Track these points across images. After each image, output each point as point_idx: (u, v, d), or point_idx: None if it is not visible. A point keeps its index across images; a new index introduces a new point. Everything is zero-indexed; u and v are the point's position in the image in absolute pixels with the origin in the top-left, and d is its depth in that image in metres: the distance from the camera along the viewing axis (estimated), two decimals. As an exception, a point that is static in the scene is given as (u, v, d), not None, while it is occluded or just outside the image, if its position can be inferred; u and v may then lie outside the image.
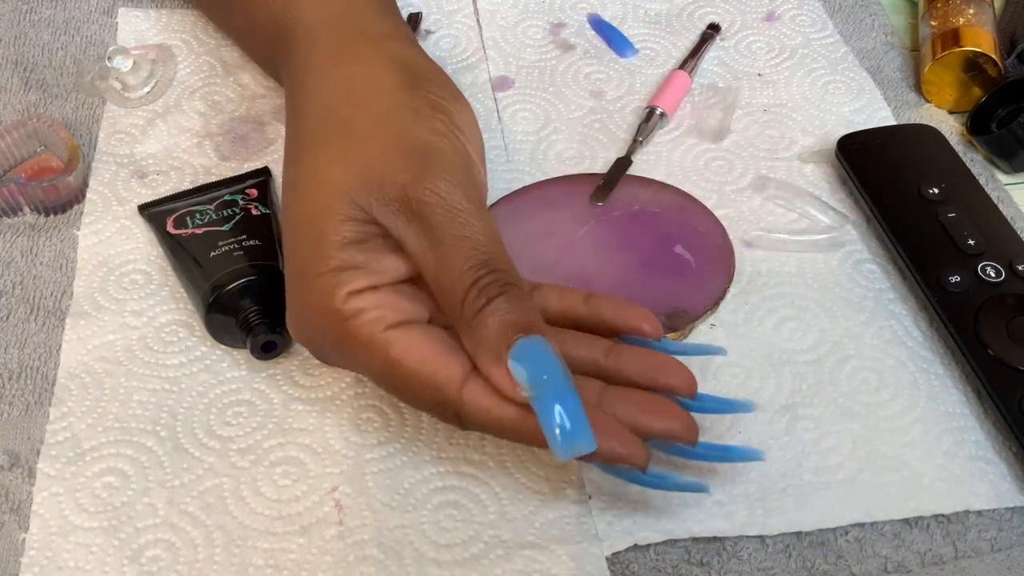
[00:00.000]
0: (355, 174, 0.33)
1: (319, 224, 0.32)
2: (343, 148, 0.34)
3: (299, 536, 0.34)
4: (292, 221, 0.34)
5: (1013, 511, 0.36)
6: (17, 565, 0.33)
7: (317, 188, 0.33)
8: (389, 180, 0.32)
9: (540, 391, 0.28)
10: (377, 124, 0.34)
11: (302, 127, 0.36)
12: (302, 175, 0.34)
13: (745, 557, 0.34)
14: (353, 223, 0.32)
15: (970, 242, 0.42)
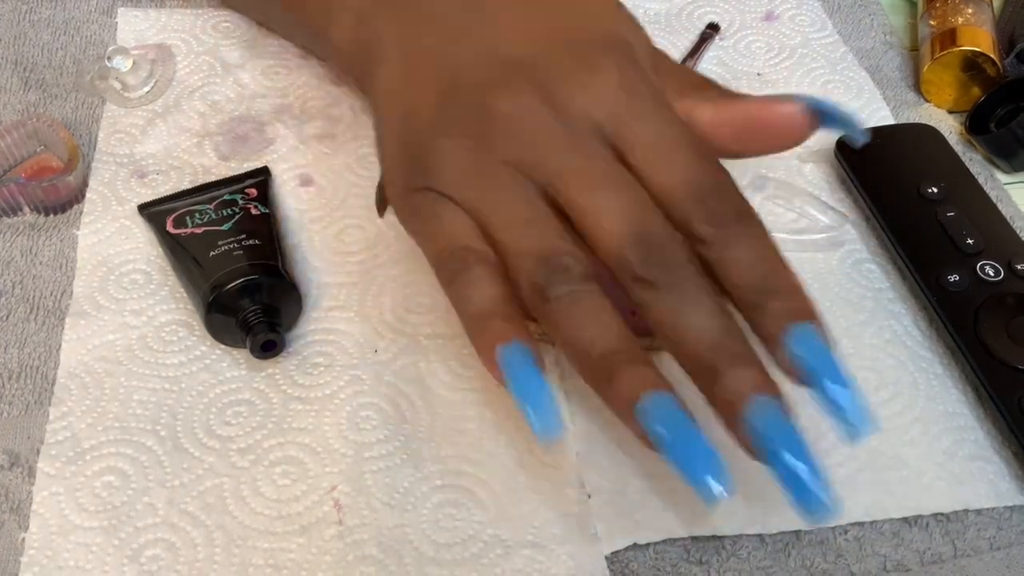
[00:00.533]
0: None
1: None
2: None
3: (299, 536, 0.34)
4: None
5: (1012, 510, 0.36)
6: (17, 564, 0.33)
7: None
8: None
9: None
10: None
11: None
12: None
13: (744, 556, 0.34)
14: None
15: (969, 241, 0.42)
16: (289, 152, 0.47)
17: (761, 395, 0.28)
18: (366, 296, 0.42)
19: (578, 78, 0.32)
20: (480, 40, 0.34)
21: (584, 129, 0.31)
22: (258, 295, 0.38)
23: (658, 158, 0.31)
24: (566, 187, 0.31)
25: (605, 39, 0.34)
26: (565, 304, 0.30)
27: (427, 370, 0.39)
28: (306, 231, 0.44)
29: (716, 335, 0.29)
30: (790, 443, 0.28)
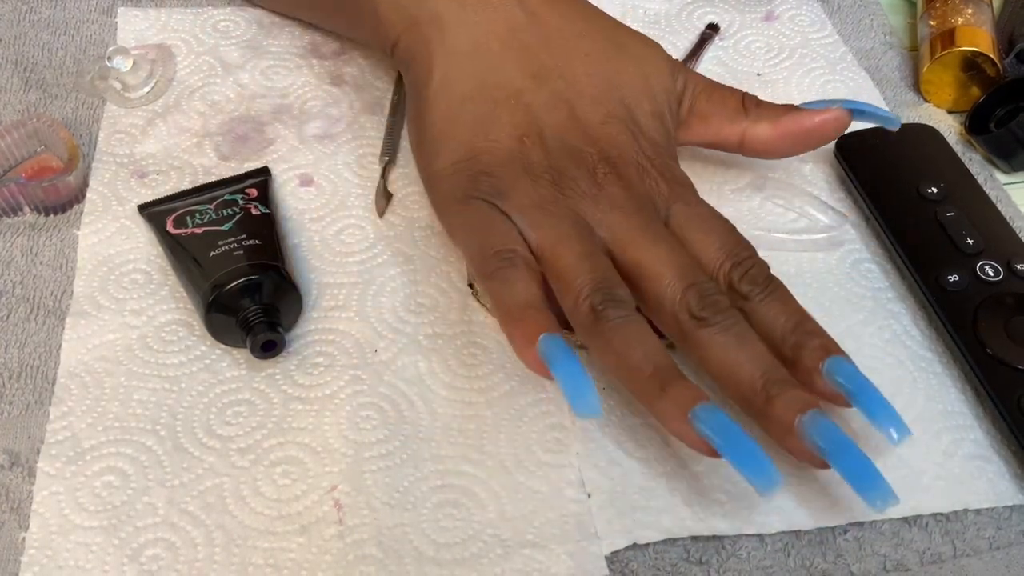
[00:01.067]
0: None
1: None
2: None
3: (299, 535, 0.34)
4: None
5: (1012, 509, 0.36)
6: (17, 564, 0.33)
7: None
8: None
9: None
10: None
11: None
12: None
13: (744, 556, 0.34)
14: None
15: (969, 241, 0.42)
16: (289, 152, 0.47)
17: (814, 410, 0.33)
18: (366, 296, 0.42)
19: (648, 163, 0.39)
20: (556, 87, 0.40)
21: (646, 202, 0.38)
22: (258, 295, 0.38)
23: (703, 233, 0.37)
24: (631, 244, 0.37)
25: (664, 115, 0.41)
26: (618, 326, 0.34)
27: (427, 370, 0.39)
28: (306, 231, 0.44)
29: (765, 366, 0.34)
30: (847, 445, 0.33)
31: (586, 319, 0.35)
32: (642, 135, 0.40)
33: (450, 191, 0.39)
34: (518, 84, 0.40)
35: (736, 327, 0.35)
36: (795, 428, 0.33)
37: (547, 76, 0.40)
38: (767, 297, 0.36)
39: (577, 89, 0.40)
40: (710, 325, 0.35)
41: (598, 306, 0.35)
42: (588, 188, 0.38)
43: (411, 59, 0.43)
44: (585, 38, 0.41)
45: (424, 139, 0.41)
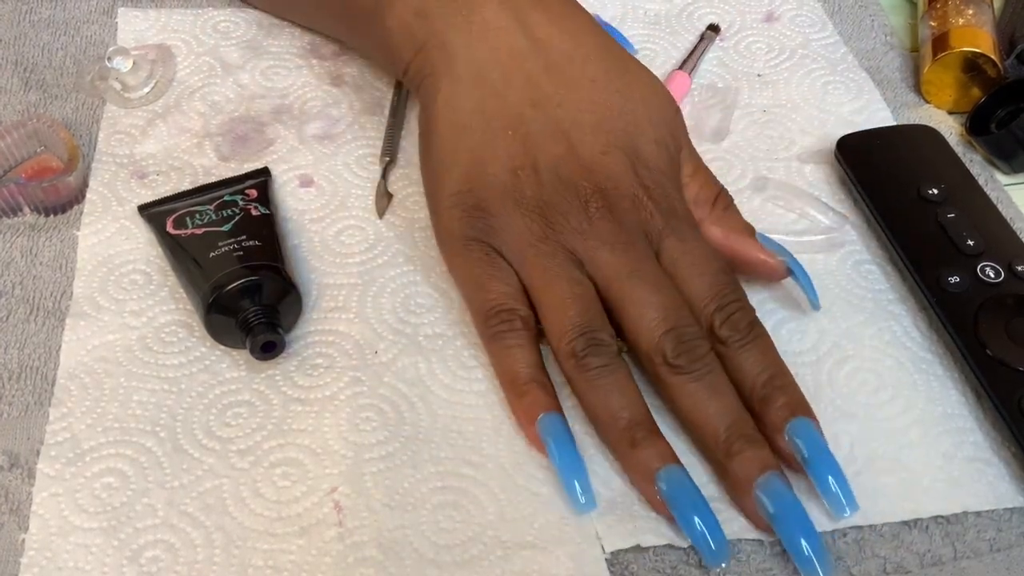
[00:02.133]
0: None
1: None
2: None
3: (298, 537, 0.34)
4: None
5: (1012, 511, 0.36)
6: (16, 565, 0.33)
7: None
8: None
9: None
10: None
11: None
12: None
13: (744, 558, 0.34)
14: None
15: (969, 243, 0.42)
16: (289, 153, 0.47)
17: (771, 473, 0.34)
18: (366, 297, 0.42)
19: (644, 195, 0.39)
20: (556, 116, 0.40)
21: (637, 236, 0.38)
22: (258, 296, 0.38)
23: (692, 272, 0.38)
24: (616, 282, 0.37)
25: (668, 149, 0.41)
26: (599, 374, 0.36)
27: (427, 371, 0.39)
28: (306, 232, 0.44)
29: (732, 418, 0.35)
30: (796, 515, 0.33)
31: (567, 362, 0.36)
32: (642, 164, 0.39)
33: (449, 227, 0.40)
34: (517, 112, 0.40)
35: (709, 376, 0.35)
36: (750, 488, 0.34)
37: (547, 104, 0.40)
38: (746, 345, 0.36)
39: (577, 118, 0.40)
40: (683, 372, 0.35)
41: (580, 352, 0.36)
42: (578, 223, 0.38)
43: (420, 83, 0.43)
44: (591, 63, 0.41)
45: (428, 166, 0.42)
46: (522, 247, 0.38)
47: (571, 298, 0.37)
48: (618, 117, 0.40)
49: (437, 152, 0.41)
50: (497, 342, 0.38)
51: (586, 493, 0.35)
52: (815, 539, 0.33)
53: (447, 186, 0.40)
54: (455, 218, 0.39)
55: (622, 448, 0.35)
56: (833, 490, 0.34)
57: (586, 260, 0.38)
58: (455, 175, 0.40)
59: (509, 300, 0.38)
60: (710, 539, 0.33)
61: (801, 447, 0.35)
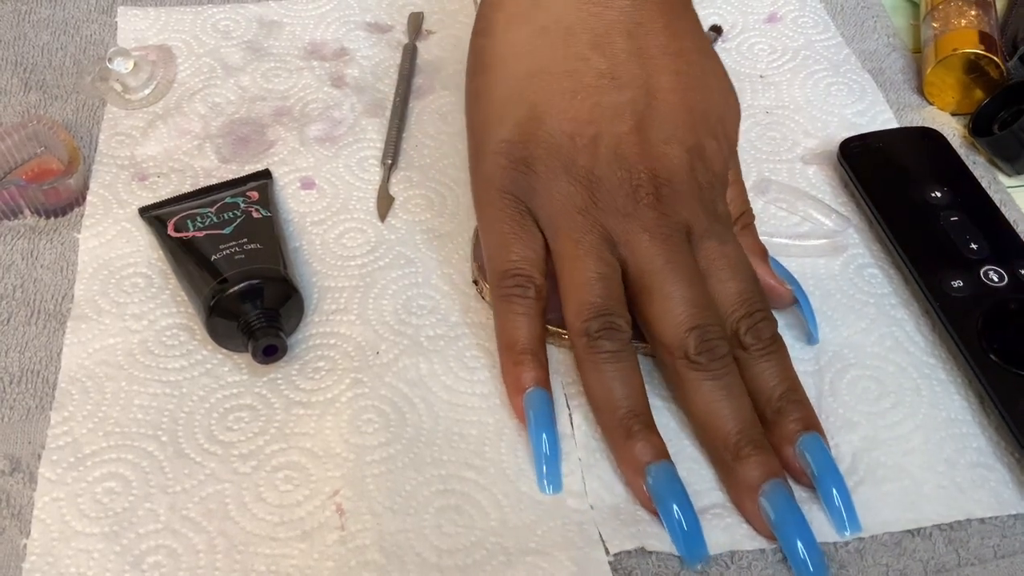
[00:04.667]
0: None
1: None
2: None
3: (300, 541, 0.34)
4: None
5: (1016, 518, 0.35)
6: (18, 571, 0.33)
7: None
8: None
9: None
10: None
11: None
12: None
13: (745, 565, 0.34)
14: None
15: (973, 246, 0.42)
16: (290, 155, 0.47)
17: (776, 480, 0.34)
18: (367, 299, 0.42)
19: (693, 193, 0.38)
20: (633, 97, 0.38)
21: (679, 230, 0.37)
22: (260, 299, 0.38)
23: (726, 275, 0.37)
24: (649, 271, 0.37)
25: (726, 154, 0.40)
26: (608, 359, 0.36)
27: (428, 372, 0.39)
28: (307, 234, 0.44)
29: (744, 423, 0.35)
30: (797, 524, 0.33)
31: (579, 340, 0.36)
32: (700, 163, 0.39)
33: (490, 174, 0.39)
34: (594, 79, 0.38)
35: (727, 377, 0.36)
36: (755, 493, 0.34)
37: (628, 83, 0.38)
38: (766, 355, 0.37)
39: (653, 104, 0.38)
40: (702, 370, 0.35)
41: (594, 333, 0.36)
42: (624, 205, 0.37)
43: (499, 8, 0.41)
44: (682, 58, 0.40)
45: (480, 105, 0.40)
46: (559, 214, 0.37)
47: (597, 277, 0.36)
48: (691, 113, 0.39)
49: (496, 93, 0.39)
50: (505, 304, 0.38)
51: (552, 477, 0.35)
52: (814, 548, 0.33)
53: (498, 132, 0.39)
54: (499, 166, 0.38)
55: (616, 437, 0.36)
56: (838, 507, 0.34)
57: (622, 243, 0.37)
58: (510, 123, 0.38)
59: (528, 267, 0.38)
60: (689, 536, 0.33)
61: (811, 462, 0.35)
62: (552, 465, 0.36)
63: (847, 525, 0.34)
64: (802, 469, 0.35)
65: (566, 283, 0.37)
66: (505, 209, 0.38)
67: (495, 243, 0.39)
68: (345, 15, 0.55)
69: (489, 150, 0.39)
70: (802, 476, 0.36)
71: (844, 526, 0.34)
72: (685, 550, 0.34)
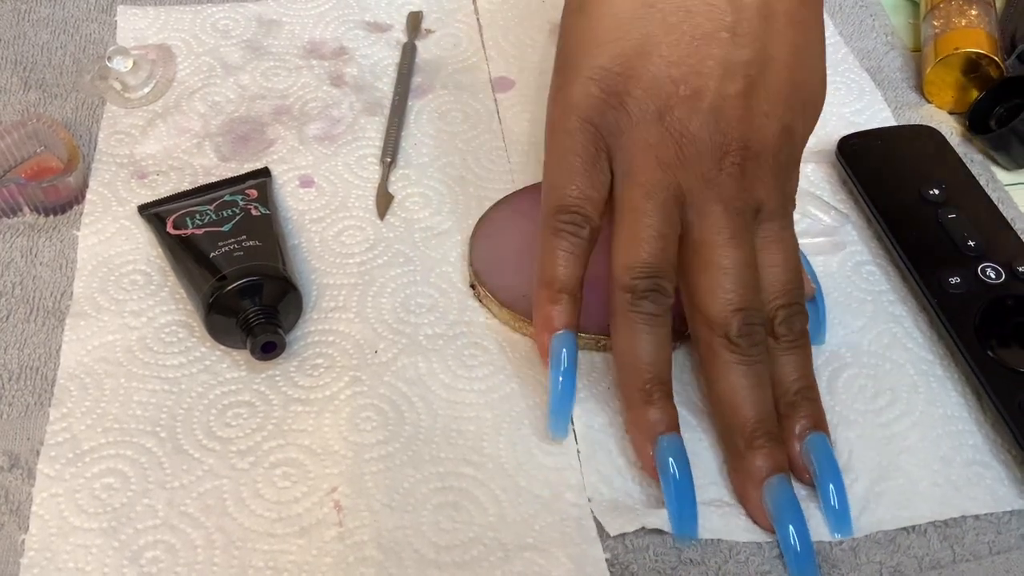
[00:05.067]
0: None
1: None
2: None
3: (298, 537, 0.34)
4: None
5: (1012, 514, 0.36)
6: (17, 566, 0.33)
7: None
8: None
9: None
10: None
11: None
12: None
13: (743, 559, 0.34)
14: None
15: (970, 243, 0.42)
16: (289, 153, 0.47)
17: (782, 475, 0.35)
18: (365, 297, 0.42)
19: (775, 172, 0.37)
20: (748, 59, 0.36)
21: (751, 206, 0.36)
22: (259, 296, 0.38)
23: (777, 259, 0.37)
24: (711, 243, 0.36)
25: (807, 139, 0.39)
26: (646, 320, 0.35)
27: (427, 370, 0.39)
28: (306, 232, 0.44)
29: (764, 413, 0.35)
30: (796, 521, 0.34)
31: (622, 295, 0.36)
32: (788, 144, 0.38)
33: (577, 99, 0.37)
34: (715, 31, 0.36)
35: (758, 365, 0.36)
36: (760, 483, 0.34)
37: (749, 43, 0.36)
38: (793, 349, 0.37)
39: (766, 72, 0.36)
40: (738, 353, 0.35)
41: (640, 291, 0.35)
42: (708, 169, 0.36)
43: None
44: (804, 31, 0.38)
45: (580, 27, 0.37)
46: (640, 161, 0.36)
47: (658, 235, 0.35)
48: (796, 90, 0.37)
49: (606, 15, 0.37)
50: (555, 238, 0.36)
51: (560, 420, 0.36)
52: (808, 545, 0.34)
53: (598, 57, 0.36)
54: (589, 93, 0.36)
55: (635, 400, 0.35)
56: (833, 507, 0.35)
57: (693, 206, 0.36)
58: (614, 50, 0.36)
59: (590, 207, 0.36)
60: (682, 508, 0.34)
61: (814, 461, 0.35)
62: (565, 404, 0.36)
63: (840, 528, 0.35)
64: (805, 466, 0.36)
65: (624, 234, 0.36)
66: (581, 140, 0.36)
67: (561, 173, 0.37)
68: (344, 14, 0.55)
69: (582, 74, 0.36)
70: (804, 473, 0.36)
71: (837, 528, 0.35)
72: (676, 521, 0.34)
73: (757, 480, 0.35)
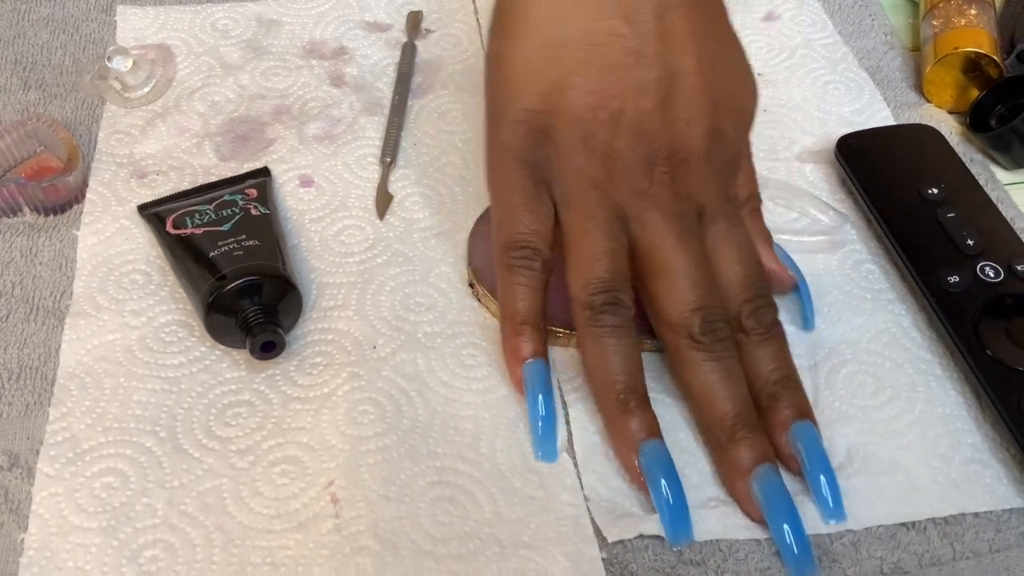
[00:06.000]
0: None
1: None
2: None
3: (296, 532, 0.34)
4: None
5: (1011, 512, 0.36)
6: (16, 565, 0.33)
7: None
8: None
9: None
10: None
11: None
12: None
13: (742, 557, 0.34)
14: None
15: (969, 242, 0.42)
16: (289, 153, 0.47)
17: (768, 465, 0.35)
18: (365, 295, 0.42)
19: (709, 174, 0.38)
20: (658, 75, 0.37)
21: (691, 210, 0.38)
22: (258, 296, 0.38)
23: (733, 258, 0.38)
24: (659, 249, 0.37)
25: (742, 139, 0.41)
26: (610, 333, 0.36)
27: (425, 367, 0.39)
28: (306, 232, 0.44)
29: (741, 406, 0.36)
30: (787, 509, 0.34)
31: (582, 313, 0.37)
32: (719, 146, 0.38)
33: (508, 141, 0.38)
34: (622, 57, 0.37)
35: (727, 360, 0.36)
36: (747, 475, 0.35)
37: (654, 61, 0.38)
38: (765, 341, 0.37)
39: (677, 84, 0.38)
40: (704, 351, 0.36)
41: (598, 307, 0.36)
42: (639, 182, 0.37)
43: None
44: (707, 41, 0.39)
45: (501, 74, 0.40)
46: (574, 186, 0.38)
47: (606, 252, 0.37)
48: (713, 96, 0.38)
49: (521, 60, 0.39)
50: (510, 274, 0.38)
51: (547, 443, 0.37)
52: (801, 533, 0.34)
53: (521, 99, 0.38)
54: (517, 135, 0.38)
55: (612, 412, 0.36)
56: (824, 495, 0.35)
57: (634, 219, 0.37)
58: (531, 91, 0.38)
59: (537, 239, 0.38)
60: (675, 513, 0.34)
61: (801, 450, 0.35)
62: (548, 428, 0.37)
63: (833, 514, 0.35)
64: (792, 456, 0.36)
65: (574, 256, 0.37)
66: (519, 178, 0.38)
67: (505, 212, 0.39)
68: (344, 14, 0.55)
69: (508, 117, 0.38)
70: (792, 462, 0.36)
71: (830, 515, 0.35)
72: (670, 528, 0.34)
73: (743, 472, 0.35)
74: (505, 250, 0.38)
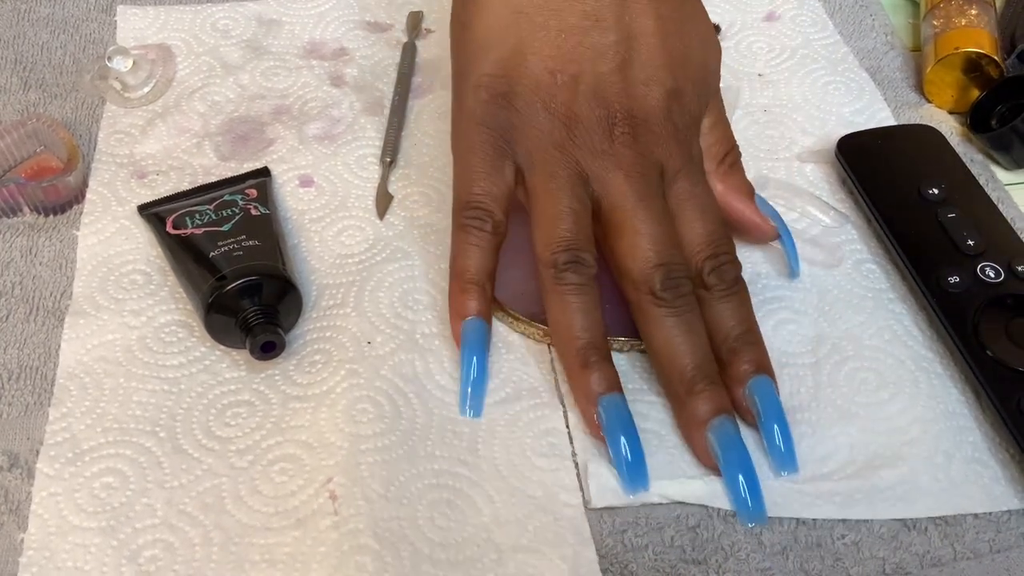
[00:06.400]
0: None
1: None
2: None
3: (294, 529, 0.34)
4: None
5: (1011, 513, 0.36)
6: (15, 565, 0.33)
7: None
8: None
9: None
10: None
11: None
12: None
13: (743, 557, 0.34)
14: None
15: (969, 242, 0.42)
16: (289, 153, 0.47)
17: (725, 416, 0.36)
18: (363, 292, 0.42)
19: (670, 133, 0.39)
20: (616, 39, 0.39)
21: (653, 169, 0.38)
22: (258, 296, 0.38)
23: (695, 215, 0.39)
24: (620, 208, 0.38)
25: (703, 98, 0.41)
26: (573, 291, 0.37)
27: (423, 369, 0.39)
28: (306, 232, 0.44)
29: (701, 359, 0.37)
30: (741, 460, 0.35)
31: (547, 271, 0.38)
32: (678, 105, 0.39)
33: (471, 107, 0.39)
34: (579, 21, 0.39)
35: (688, 315, 0.37)
36: (703, 427, 0.36)
37: (612, 25, 0.39)
38: (728, 296, 0.38)
39: (635, 46, 0.39)
40: (665, 306, 0.37)
41: (561, 264, 0.37)
42: (599, 143, 0.38)
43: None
44: (667, 2, 0.40)
45: (465, 38, 0.41)
46: (536, 149, 0.38)
47: (569, 212, 0.37)
48: (671, 56, 0.40)
49: (482, 26, 0.40)
50: (463, 233, 0.39)
51: (476, 401, 0.38)
52: (755, 484, 0.35)
53: (482, 65, 0.39)
54: (480, 100, 0.39)
55: (574, 367, 0.37)
56: (777, 445, 0.36)
57: (596, 179, 0.38)
58: (493, 57, 0.39)
59: (492, 203, 0.39)
60: (632, 466, 0.35)
61: (758, 403, 0.36)
62: (477, 389, 0.38)
63: (785, 464, 0.36)
64: (749, 409, 0.37)
65: (538, 216, 0.38)
66: (480, 142, 0.39)
67: (463, 174, 0.40)
68: (344, 14, 0.55)
69: (471, 83, 0.39)
70: (749, 415, 0.37)
71: (782, 465, 0.36)
72: (628, 479, 0.35)
73: (700, 423, 0.36)
74: (460, 210, 0.39)
